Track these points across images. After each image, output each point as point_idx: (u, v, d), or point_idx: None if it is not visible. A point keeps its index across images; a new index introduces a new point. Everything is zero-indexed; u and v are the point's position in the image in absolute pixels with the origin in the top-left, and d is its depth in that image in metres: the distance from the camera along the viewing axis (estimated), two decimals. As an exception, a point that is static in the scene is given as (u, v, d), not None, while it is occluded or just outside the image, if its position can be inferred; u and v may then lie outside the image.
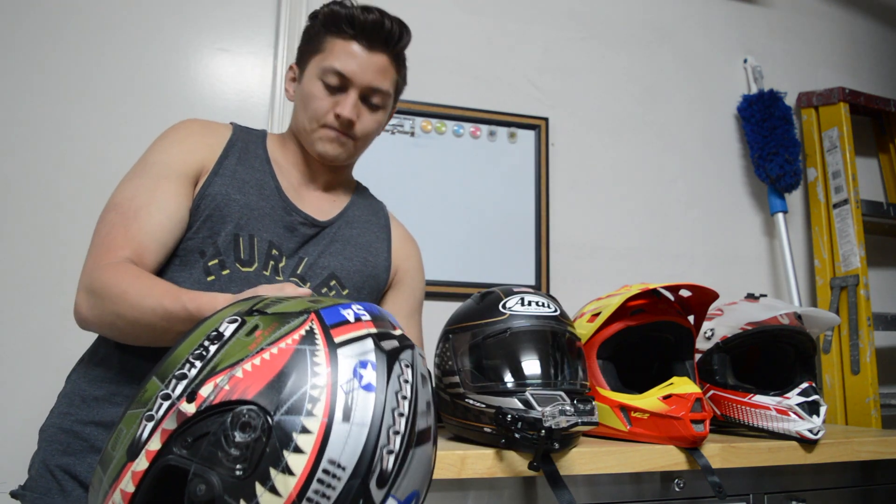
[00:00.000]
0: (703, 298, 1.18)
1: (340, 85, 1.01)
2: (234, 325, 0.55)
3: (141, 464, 0.49)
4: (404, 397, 0.54)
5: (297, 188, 1.08)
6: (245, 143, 1.05)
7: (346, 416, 0.49)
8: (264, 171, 1.04)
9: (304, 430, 0.48)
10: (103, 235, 0.90)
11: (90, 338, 1.00)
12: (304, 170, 1.09)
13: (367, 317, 0.57)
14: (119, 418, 0.53)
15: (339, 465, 0.48)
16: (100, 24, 1.58)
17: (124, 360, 0.93)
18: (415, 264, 1.19)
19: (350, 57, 1.01)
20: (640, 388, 1.14)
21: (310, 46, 1.05)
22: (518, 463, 0.97)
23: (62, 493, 0.89)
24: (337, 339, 0.53)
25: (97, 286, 0.85)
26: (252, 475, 0.47)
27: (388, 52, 1.04)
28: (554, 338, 1.05)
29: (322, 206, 1.09)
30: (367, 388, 0.51)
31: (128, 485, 0.49)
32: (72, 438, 0.91)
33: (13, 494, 0.92)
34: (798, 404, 1.18)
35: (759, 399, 1.22)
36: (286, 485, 0.46)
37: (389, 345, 0.56)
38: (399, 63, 1.08)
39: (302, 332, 0.54)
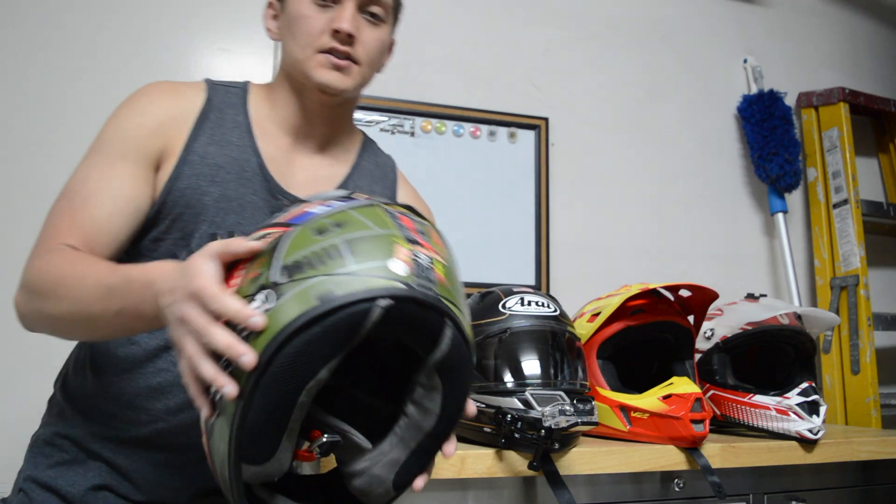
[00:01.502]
0: (702, 298, 1.18)
1: None
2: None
3: None
4: None
5: (287, 155, 0.94)
6: (221, 111, 0.91)
7: None
8: (244, 144, 0.90)
9: None
10: (49, 225, 0.81)
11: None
12: (297, 124, 0.94)
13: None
14: None
15: None
16: (97, 24, 1.58)
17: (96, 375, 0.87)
18: None
19: None
20: (640, 388, 1.14)
21: None
22: (518, 463, 0.97)
23: None
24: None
25: (32, 278, 0.74)
26: None
27: None
28: (554, 338, 1.05)
29: (318, 175, 0.95)
30: None
31: None
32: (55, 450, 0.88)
33: None
34: (798, 404, 1.18)
35: (759, 399, 1.22)
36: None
37: None
38: None
39: None
